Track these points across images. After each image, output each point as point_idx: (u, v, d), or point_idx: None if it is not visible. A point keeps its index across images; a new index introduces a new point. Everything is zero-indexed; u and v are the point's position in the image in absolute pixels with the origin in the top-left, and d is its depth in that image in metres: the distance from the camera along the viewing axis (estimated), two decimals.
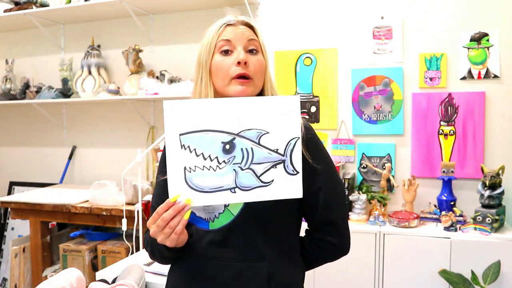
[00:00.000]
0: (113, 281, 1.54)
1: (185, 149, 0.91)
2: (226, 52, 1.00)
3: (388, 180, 2.36)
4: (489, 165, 2.23)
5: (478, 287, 1.89)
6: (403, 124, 2.41)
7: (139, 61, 2.76)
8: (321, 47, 2.53)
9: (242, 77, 0.98)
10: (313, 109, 2.55)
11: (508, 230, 2.05)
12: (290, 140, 0.90)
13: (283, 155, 0.90)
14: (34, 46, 3.20)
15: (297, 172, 0.90)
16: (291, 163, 0.90)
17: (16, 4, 2.86)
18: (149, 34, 2.87)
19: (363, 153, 2.47)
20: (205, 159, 0.90)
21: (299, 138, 0.90)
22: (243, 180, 0.90)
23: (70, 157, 3.11)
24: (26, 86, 3.04)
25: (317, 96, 2.54)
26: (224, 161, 0.90)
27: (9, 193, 3.27)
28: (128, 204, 2.38)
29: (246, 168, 0.90)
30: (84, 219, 2.50)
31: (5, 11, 2.86)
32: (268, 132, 0.90)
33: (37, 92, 2.95)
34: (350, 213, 2.20)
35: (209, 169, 0.90)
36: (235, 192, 0.90)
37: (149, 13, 2.83)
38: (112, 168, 2.94)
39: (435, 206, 2.24)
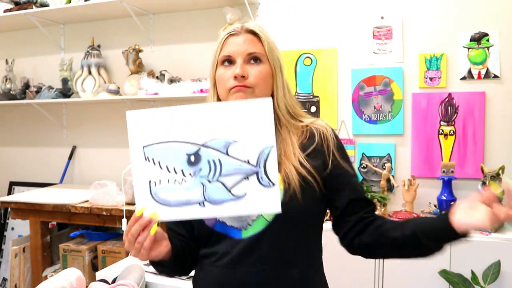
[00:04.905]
0: (113, 281, 1.54)
1: (149, 161, 0.86)
2: (227, 64, 1.00)
3: (388, 180, 2.36)
4: (489, 165, 2.23)
5: (478, 287, 1.89)
6: (403, 124, 2.41)
7: (139, 61, 2.76)
8: (321, 47, 2.53)
9: (243, 87, 0.98)
10: (313, 109, 2.55)
11: (508, 230, 2.05)
12: (263, 149, 0.83)
13: (255, 166, 0.83)
14: (34, 46, 3.20)
15: (273, 184, 0.83)
16: (266, 175, 0.83)
17: (16, 4, 2.85)
18: (149, 34, 2.87)
19: (363, 153, 2.47)
20: (169, 172, 0.86)
21: (273, 146, 0.83)
22: (212, 193, 0.85)
23: (70, 157, 3.11)
24: (26, 86, 3.04)
25: (317, 96, 2.54)
26: (190, 174, 0.85)
27: (9, 193, 3.27)
28: (128, 204, 2.38)
29: (215, 181, 0.84)
30: (84, 219, 2.50)
31: (5, 11, 2.86)
32: (236, 141, 0.83)
33: (37, 92, 2.95)
34: None
35: (174, 183, 0.85)
36: (204, 206, 0.85)
37: (149, 13, 2.83)
38: (112, 168, 2.93)
39: (435, 206, 2.24)
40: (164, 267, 0.99)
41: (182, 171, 0.85)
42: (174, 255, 0.96)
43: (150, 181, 0.86)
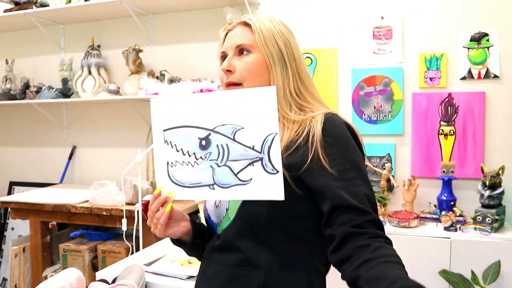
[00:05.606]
0: (113, 281, 1.53)
1: (168, 144, 0.93)
2: (223, 60, 1.02)
3: (388, 180, 2.36)
4: (489, 165, 2.23)
5: (478, 287, 1.89)
6: (403, 124, 2.41)
7: (139, 61, 2.76)
8: (321, 47, 2.53)
9: (231, 84, 0.98)
10: None
11: (508, 230, 2.05)
12: (267, 136, 0.83)
13: (260, 152, 0.84)
14: (34, 46, 3.20)
15: (277, 171, 0.83)
16: (270, 161, 0.83)
17: (16, 4, 2.86)
18: (149, 34, 2.87)
19: None
20: (184, 154, 0.91)
21: (276, 133, 0.83)
22: (220, 177, 0.88)
23: (70, 157, 3.11)
24: (26, 86, 3.04)
25: None
26: (201, 157, 0.90)
27: (9, 193, 3.27)
28: (128, 204, 2.38)
29: (223, 165, 0.88)
30: (84, 219, 2.50)
31: (5, 11, 2.86)
32: (243, 128, 0.85)
33: (37, 92, 2.95)
34: None
35: (187, 165, 0.91)
36: (213, 188, 0.89)
37: (149, 13, 2.83)
38: (112, 168, 2.94)
39: (435, 206, 2.24)
40: (185, 246, 1.05)
41: (194, 154, 0.90)
42: (193, 237, 1.02)
43: (167, 162, 0.93)
